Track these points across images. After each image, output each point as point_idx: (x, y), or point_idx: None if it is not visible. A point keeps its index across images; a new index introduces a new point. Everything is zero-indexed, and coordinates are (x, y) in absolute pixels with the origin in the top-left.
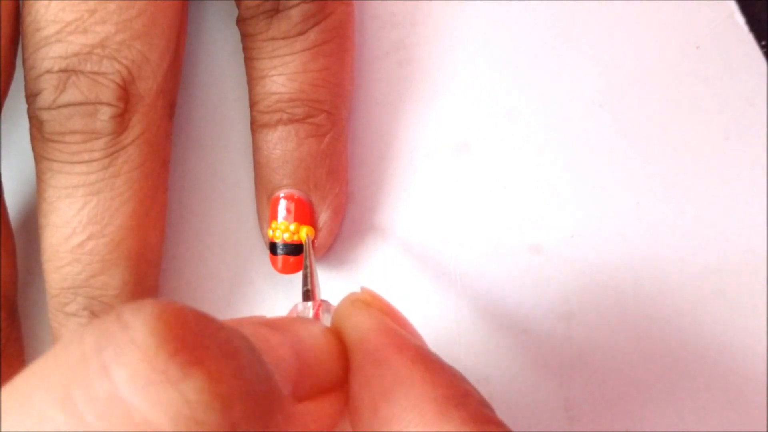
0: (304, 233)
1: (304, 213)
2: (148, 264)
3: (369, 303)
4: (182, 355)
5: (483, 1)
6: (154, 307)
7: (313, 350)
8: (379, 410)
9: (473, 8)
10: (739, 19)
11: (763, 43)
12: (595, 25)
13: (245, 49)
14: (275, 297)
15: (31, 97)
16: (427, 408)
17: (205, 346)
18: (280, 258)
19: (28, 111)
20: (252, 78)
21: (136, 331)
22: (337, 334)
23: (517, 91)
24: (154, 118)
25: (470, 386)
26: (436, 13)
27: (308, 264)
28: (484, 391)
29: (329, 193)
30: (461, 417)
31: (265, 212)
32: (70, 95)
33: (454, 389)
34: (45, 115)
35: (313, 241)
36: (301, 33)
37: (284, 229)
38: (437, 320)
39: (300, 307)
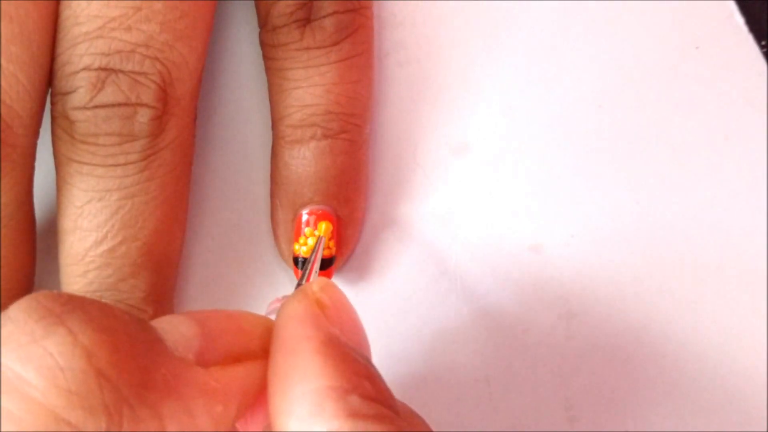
0: (323, 228)
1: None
2: (172, 266)
3: (307, 294)
4: (46, 319)
5: (483, 1)
6: (32, 294)
7: (218, 325)
8: (279, 396)
9: (473, 8)
10: (739, 19)
11: (763, 43)
12: (595, 25)
13: (272, 59)
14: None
15: (60, 95)
16: (311, 399)
17: (69, 311)
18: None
19: (54, 110)
20: (283, 89)
21: (13, 311)
22: (252, 315)
23: (517, 91)
24: (187, 122)
25: (368, 381)
26: (436, 13)
27: (313, 259)
28: (484, 391)
29: (357, 206)
30: (333, 409)
31: (288, 227)
32: (110, 95)
33: (341, 381)
34: (79, 115)
35: (337, 253)
36: (335, 44)
37: (314, 244)
38: (437, 320)
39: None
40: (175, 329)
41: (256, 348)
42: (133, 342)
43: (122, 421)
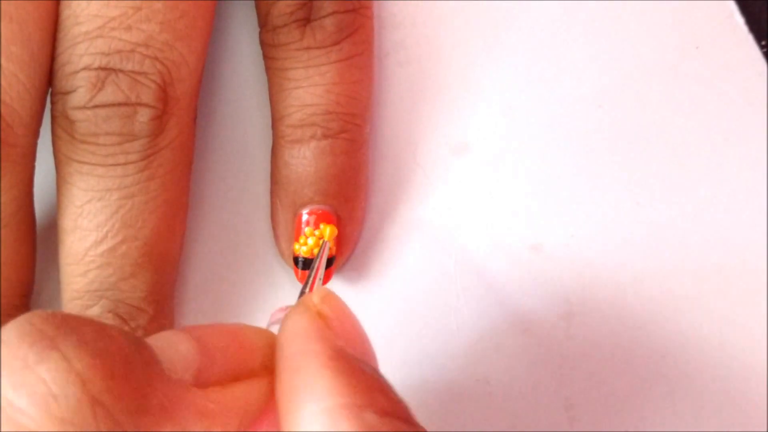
0: (327, 232)
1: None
2: (172, 266)
3: (308, 306)
4: (40, 343)
5: (483, 1)
6: (26, 315)
7: (218, 342)
8: (291, 417)
9: (473, 8)
10: (739, 19)
11: (763, 43)
12: (595, 25)
13: (272, 59)
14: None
15: (60, 95)
16: (324, 419)
17: (63, 335)
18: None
19: (53, 110)
20: (283, 89)
21: (5, 333)
22: (254, 330)
23: (517, 91)
24: (187, 121)
25: (382, 394)
26: (436, 13)
27: (317, 266)
28: (484, 391)
29: (357, 206)
30: (349, 427)
31: (288, 226)
32: (110, 94)
33: (354, 398)
34: (79, 115)
35: (337, 253)
36: (336, 43)
37: (314, 243)
38: (437, 320)
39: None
40: (172, 348)
41: (257, 365)
42: (129, 365)
43: None
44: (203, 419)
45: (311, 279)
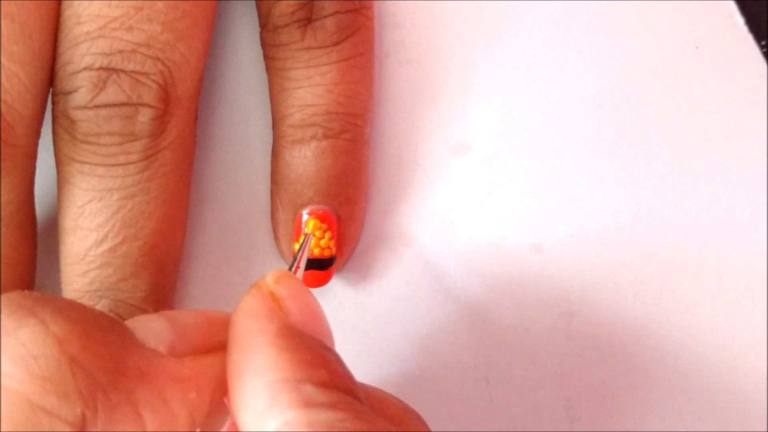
0: (311, 225)
1: (333, 227)
2: (173, 266)
3: (261, 287)
4: (19, 312)
5: (483, 1)
6: (5, 294)
7: (188, 319)
8: (238, 393)
9: (473, 8)
10: (739, 19)
11: (763, 43)
12: (595, 25)
13: (273, 59)
14: None
15: (61, 95)
16: (266, 392)
17: (41, 305)
18: (308, 273)
19: (54, 110)
20: (284, 89)
21: None
22: (224, 312)
23: (517, 91)
24: (188, 121)
25: (324, 368)
26: (436, 13)
27: (299, 257)
28: (484, 391)
29: (357, 206)
30: (288, 400)
31: (288, 226)
32: (111, 95)
33: (295, 372)
34: (80, 115)
35: (337, 254)
36: (337, 43)
37: (314, 244)
38: (437, 320)
39: None
40: (144, 326)
41: (227, 339)
42: (104, 332)
43: (97, 407)
44: (178, 383)
45: (293, 270)
